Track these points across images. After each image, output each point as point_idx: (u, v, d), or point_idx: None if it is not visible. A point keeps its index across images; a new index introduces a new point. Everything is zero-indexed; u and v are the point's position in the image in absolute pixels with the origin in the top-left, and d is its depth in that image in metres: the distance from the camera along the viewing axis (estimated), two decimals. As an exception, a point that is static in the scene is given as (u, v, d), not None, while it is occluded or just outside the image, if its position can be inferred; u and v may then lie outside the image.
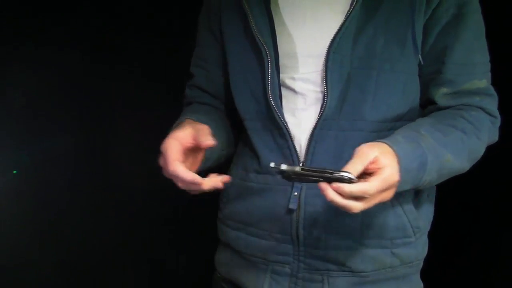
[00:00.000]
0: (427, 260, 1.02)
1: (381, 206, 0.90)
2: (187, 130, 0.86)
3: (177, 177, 0.81)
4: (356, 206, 0.75)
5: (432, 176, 0.86)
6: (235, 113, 1.02)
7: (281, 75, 0.94)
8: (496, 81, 0.97)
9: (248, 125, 0.98)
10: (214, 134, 0.88)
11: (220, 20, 1.02)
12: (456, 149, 0.88)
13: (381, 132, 0.90)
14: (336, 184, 0.73)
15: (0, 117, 1.57)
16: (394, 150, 0.80)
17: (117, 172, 1.72)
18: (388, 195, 0.79)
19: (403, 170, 0.80)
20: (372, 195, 0.75)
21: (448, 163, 0.87)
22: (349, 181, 0.73)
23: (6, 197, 1.60)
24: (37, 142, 1.62)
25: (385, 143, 0.82)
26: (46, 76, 1.59)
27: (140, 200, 1.76)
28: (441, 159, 0.85)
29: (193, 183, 0.81)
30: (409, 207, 0.94)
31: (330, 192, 0.74)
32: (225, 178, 0.84)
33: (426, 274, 1.03)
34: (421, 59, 0.92)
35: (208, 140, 0.84)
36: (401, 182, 0.81)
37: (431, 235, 1.02)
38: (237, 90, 0.99)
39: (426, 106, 0.97)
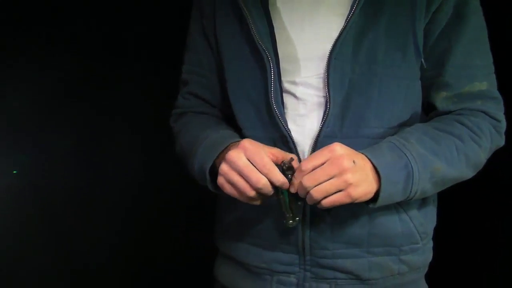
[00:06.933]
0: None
1: (387, 214, 0.91)
2: (270, 147, 0.85)
3: (270, 174, 0.80)
4: (307, 177, 0.79)
5: (423, 185, 0.85)
6: (231, 121, 0.99)
7: (281, 79, 0.92)
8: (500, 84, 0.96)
9: (248, 134, 0.94)
10: None
11: (215, 25, 0.98)
12: (449, 157, 0.86)
13: (385, 138, 0.89)
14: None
15: (0, 117, 1.56)
16: (374, 164, 0.80)
17: (118, 172, 1.72)
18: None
19: (386, 183, 0.80)
20: (307, 169, 0.79)
21: (440, 171, 0.85)
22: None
23: (6, 197, 1.59)
24: (37, 142, 1.61)
25: (366, 156, 0.81)
26: (46, 77, 1.58)
27: (141, 200, 1.76)
28: (431, 168, 0.84)
29: (284, 185, 0.81)
30: (415, 213, 0.93)
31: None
32: None
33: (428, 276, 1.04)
34: (423, 63, 0.91)
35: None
36: (386, 194, 0.81)
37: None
38: (235, 97, 0.96)
39: (428, 111, 0.96)
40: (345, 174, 0.78)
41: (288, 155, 0.84)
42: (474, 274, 1.61)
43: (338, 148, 0.79)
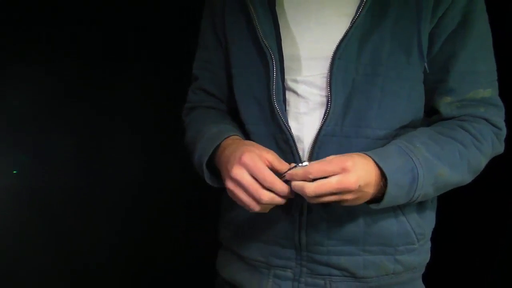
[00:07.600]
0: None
1: (384, 214, 0.91)
2: (265, 151, 0.86)
3: (273, 187, 0.81)
4: (308, 186, 0.78)
5: (426, 189, 0.85)
6: (238, 116, 1.01)
7: (285, 77, 0.93)
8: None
9: (250, 129, 0.97)
10: None
11: (224, 24, 1.00)
12: (452, 162, 0.87)
13: (386, 139, 0.90)
14: (288, 172, 0.82)
15: (0, 117, 1.56)
16: (381, 167, 0.81)
17: (118, 172, 1.72)
18: (350, 196, 0.79)
19: (392, 186, 0.80)
20: (314, 174, 0.78)
21: (443, 176, 0.86)
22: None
23: (6, 197, 1.60)
24: (37, 142, 1.61)
25: (372, 158, 0.82)
26: (46, 77, 1.59)
27: (141, 200, 1.76)
28: (435, 173, 0.85)
29: (288, 196, 0.82)
30: (413, 214, 0.94)
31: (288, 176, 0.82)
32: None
33: (425, 276, 1.04)
34: (426, 67, 0.91)
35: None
36: (390, 197, 0.81)
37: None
38: (240, 94, 0.98)
39: (431, 115, 0.96)
40: (346, 194, 0.79)
41: (283, 164, 0.85)
42: (472, 275, 1.61)
43: (350, 165, 0.78)
